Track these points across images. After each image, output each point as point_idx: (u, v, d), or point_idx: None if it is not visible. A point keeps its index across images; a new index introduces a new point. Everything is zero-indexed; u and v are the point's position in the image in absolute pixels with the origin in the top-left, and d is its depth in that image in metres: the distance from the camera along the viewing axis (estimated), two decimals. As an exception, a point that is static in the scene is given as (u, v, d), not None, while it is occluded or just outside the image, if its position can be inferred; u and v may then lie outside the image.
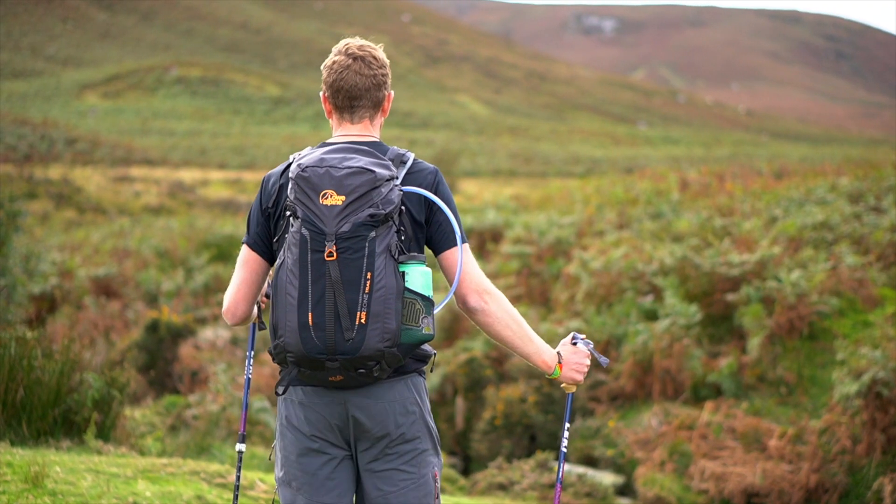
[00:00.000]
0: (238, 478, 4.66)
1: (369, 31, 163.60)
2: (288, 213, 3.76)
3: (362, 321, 3.70)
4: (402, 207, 3.83)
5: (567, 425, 4.35)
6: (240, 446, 4.40)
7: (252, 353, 4.60)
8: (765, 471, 11.06)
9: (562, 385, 4.20)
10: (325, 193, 3.70)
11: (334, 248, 3.69)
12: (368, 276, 3.71)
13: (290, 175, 3.78)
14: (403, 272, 3.79)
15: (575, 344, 4.16)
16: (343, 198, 3.69)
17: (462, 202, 27.13)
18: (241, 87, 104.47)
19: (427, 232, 3.98)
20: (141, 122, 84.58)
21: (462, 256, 3.97)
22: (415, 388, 3.97)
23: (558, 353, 4.12)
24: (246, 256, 4.04)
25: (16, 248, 13.33)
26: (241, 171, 54.69)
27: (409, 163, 3.96)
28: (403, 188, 3.88)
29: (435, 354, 4.08)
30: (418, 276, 3.81)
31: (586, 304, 14.80)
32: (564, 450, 4.24)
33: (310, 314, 3.71)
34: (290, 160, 3.93)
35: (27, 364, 7.42)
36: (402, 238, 3.83)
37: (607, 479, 11.71)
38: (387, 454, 3.92)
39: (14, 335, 7.56)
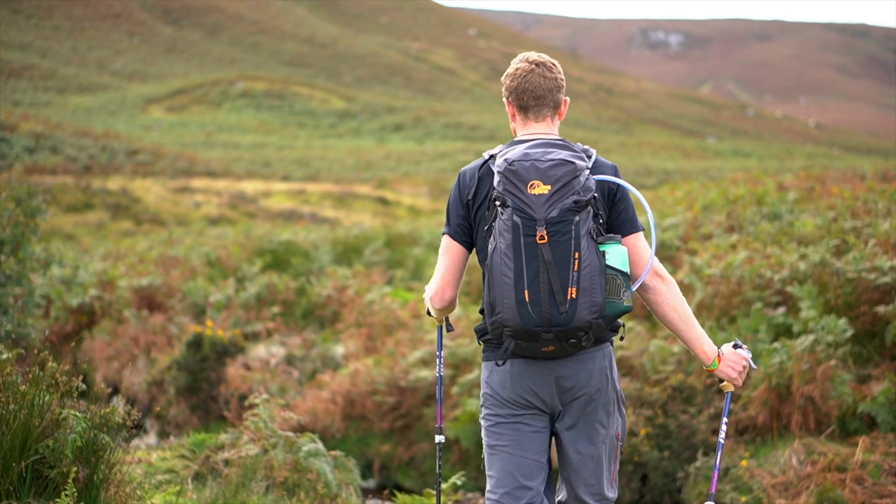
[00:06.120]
0: (440, 466, 5.04)
1: (435, 46, 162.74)
2: (497, 203, 4.18)
3: (573, 296, 4.12)
4: (595, 194, 4.23)
5: (725, 420, 5.13)
6: (439, 438, 4.85)
7: (442, 352, 4.90)
8: (941, 525, 8.81)
9: (721, 383, 4.65)
10: (533, 184, 4.13)
11: (545, 232, 4.10)
12: (577, 256, 4.13)
13: (497, 169, 4.22)
14: (603, 251, 4.23)
15: (736, 348, 4.59)
16: (549, 187, 4.13)
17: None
18: (307, 101, 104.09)
19: (609, 219, 4.40)
20: (205, 136, 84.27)
21: (644, 242, 4.47)
22: (609, 355, 4.45)
23: (719, 348, 4.58)
24: (448, 245, 4.47)
25: (34, 252, 11.37)
26: (304, 182, 53.34)
27: (593, 157, 4.38)
28: (596, 177, 4.31)
29: (624, 325, 4.49)
30: (617, 255, 4.26)
31: (702, 318, 12.47)
32: (722, 441, 4.81)
33: (525, 291, 4.12)
34: (485, 157, 4.39)
35: (-17, 397, 5.17)
36: (600, 221, 4.27)
37: (742, 532, 9.52)
38: (584, 416, 4.39)
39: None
